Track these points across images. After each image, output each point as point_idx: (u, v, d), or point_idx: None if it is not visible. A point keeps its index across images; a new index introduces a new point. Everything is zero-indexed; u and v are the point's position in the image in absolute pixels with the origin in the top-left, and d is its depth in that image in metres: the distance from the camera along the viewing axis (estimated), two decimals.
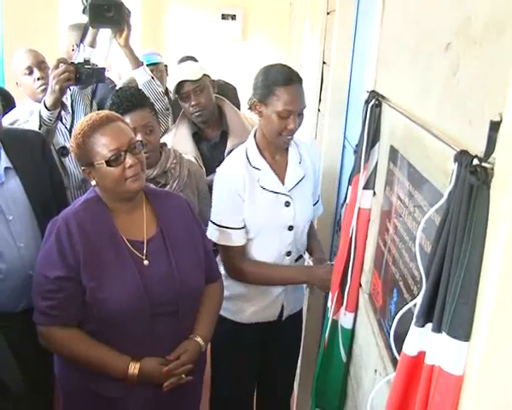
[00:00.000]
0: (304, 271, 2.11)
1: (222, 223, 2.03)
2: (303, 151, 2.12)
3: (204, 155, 2.67)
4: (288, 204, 2.04)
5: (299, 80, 1.97)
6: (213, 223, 2.05)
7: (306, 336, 2.44)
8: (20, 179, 1.91)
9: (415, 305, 0.90)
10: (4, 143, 1.91)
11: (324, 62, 2.94)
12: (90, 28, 2.41)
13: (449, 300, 0.79)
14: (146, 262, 1.67)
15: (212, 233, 2.05)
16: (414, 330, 0.88)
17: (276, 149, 2.05)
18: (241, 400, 2.36)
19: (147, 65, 3.48)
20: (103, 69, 2.41)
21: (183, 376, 1.68)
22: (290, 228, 2.06)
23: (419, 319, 0.86)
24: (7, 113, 2.47)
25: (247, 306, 2.14)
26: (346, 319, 1.67)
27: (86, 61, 2.31)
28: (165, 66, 3.62)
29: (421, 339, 0.87)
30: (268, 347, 2.28)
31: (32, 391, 1.70)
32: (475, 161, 0.75)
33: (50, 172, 2.04)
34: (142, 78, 2.59)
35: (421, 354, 0.87)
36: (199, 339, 1.74)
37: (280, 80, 1.92)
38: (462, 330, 0.78)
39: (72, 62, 2.28)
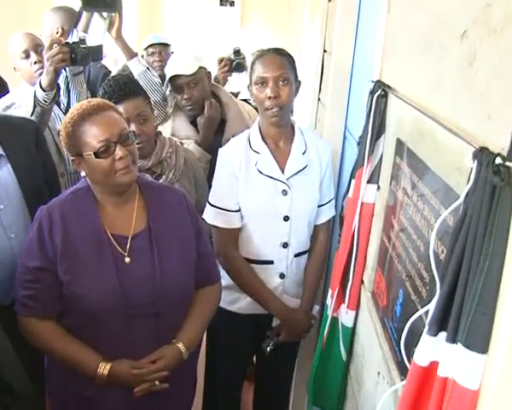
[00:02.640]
0: (281, 306, 2.04)
1: (217, 204, 2.01)
2: (310, 143, 2.05)
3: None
4: (285, 193, 1.98)
5: (278, 51, 1.95)
6: (209, 203, 2.04)
7: None
8: (12, 167, 1.84)
9: (426, 311, 0.85)
10: None
11: (325, 51, 2.87)
12: (84, 13, 2.33)
13: (465, 308, 0.74)
14: (127, 259, 1.59)
15: (206, 213, 2.04)
16: (426, 338, 0.82)
17: (279, 134, 2.00)
18: (232, 392, 2.33)
19: (156, 44, 3.43)
20: (100, 46, 2.33)
21: (157, 382, 1.58)
22: (286, 218, 2.00)
23: (432, 328, 0.81)
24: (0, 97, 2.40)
25: (244, 296, 2.09)
26: (347, 317, 1.62)
27: (82, 40, 2.24)
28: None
29: (433, 349, 0.82)
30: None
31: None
32: (498, 160, 0.69)
33: (44, 162, 1.97)
34: (137, 68, 2.50)
35: (434, 365, 0.82)
36: (180, 345, 1.64)
37: (257, 56, 1.96)
38: (479, 342, 0.73)
39: (66, 42, 2.20)
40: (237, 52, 3.41)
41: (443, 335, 0.80)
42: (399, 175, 1.29)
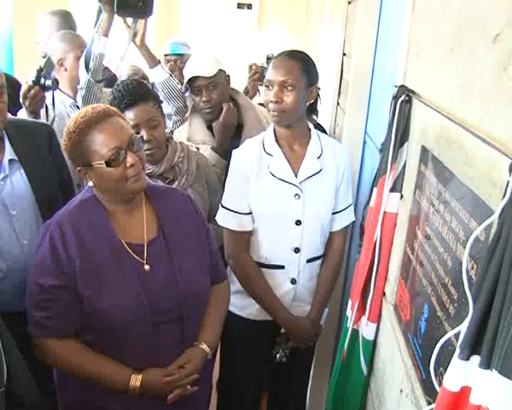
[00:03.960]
0: (286, 316, 2.02)
1: (228, 205, 1.99)
2: (327, 147, 2.00)
3: None
4: (297, 197, 1.94)
5: (291, 55, 1.93)
6: (221, 205, 2.02)
7: (319, 342, 2.32)
8: (25, 172, 1.82)
9: (456, 333, 0.79)
10: (10, 135, 1.82)
11: (344, 54, 2.82)
12: (105, 16, 2.27)
13: (501, 333, 0.68)
14: (147, 267, 1.55)
15: (218, 215, 2.03)
16: (457, 362, 0.77)
17: (293, 137, 1.98)
18: (248, 400, 2.26)
19: (172, 54, 3.39)
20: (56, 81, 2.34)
21: (189, 387, 1.57)
22: (298, 223, 1.95)
23: (463, 351, 0.75)
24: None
25: (253, 301, 2.05)
26: (367, 330, 1.56)
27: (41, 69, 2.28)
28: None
29: (465, 373, 0.76)
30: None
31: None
32: None
33: (58, 168, 1.94)
34: (160, 76, 2.45)
35: (465, 390, 0.76)
36: (204, 346, 1.62)
37: (273, 57, 1.98)
38: None
39: (36, 83, 2.26)
40: (270, 59, 3.31)
41: (476, 359, 0.74)
42: (424, 184, 1.24)
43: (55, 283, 1.49)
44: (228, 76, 2.59)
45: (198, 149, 2.41)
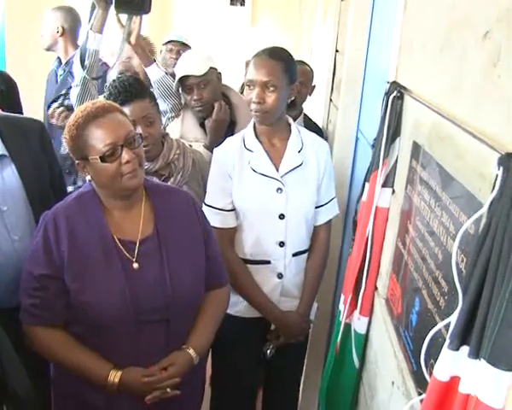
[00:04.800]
0: (274, 311, 2.03)
1: (211, 203, 2.00)
2: (307, 141, 2.02)
3: None
4: (280, 190, 1.95)
5: (272, 54, 1.91)
6: (205, 203, 2.02)
7: (312, 337, 2.33)
8: (16, 168, 1.81)
9: (446, 324, 0.81)
10: (1, 130, 1.81)
11: (337, 50, 2.83)
12: (99, 13, 2.25)
13: (490, 323, 0.70)
14: (135, 265, 1.55)
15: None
16: (447, 352, 0.78)
17: (273, 133, 1.99)
18: (241, 396, 2.26)
19: (176, 41, 3.39)
20: None
21: (169, 390, 1.54)
22: (281, 216, 1.96)
23: (453, 342, 0.77)
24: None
25: (241, 299, 2.05)
26: (359, 324, 1.58)
27: None
28: None
29: (454, 363, 0.78)
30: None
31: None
32: None
33: (49, 164, 1.94)
34: (155, 75, 2.45)
35: (455, 380, 0.78)
36: (191, 351, 1.59)
37: (254, 56, 1.96)
38: (504, 359, 0.69)
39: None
40: None
41: (465, 349, 0.76)
42: (415, 179, 1.25)
43: (43, 272, 1.50)
44: (219, 73, 2.59)
45: (191, 146, 2.41)
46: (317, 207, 2.05)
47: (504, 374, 0.69)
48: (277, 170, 1.96)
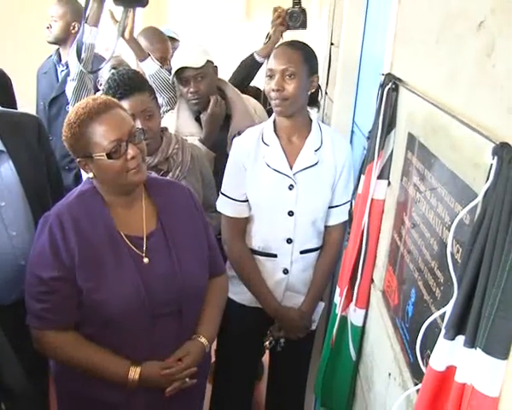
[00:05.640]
0: (274, 304, 2.03)
1: (225, 192, 2.03)
2: (327, 141, 1.99)
3: None
4: (291, 187, 1.95)
5: (292, 44, 1.95)
6: (220, 192, 2.06)
7: (316, 337, 2.32)
8: (13, 164, 1.81)
9: (441, 314, 0.81)
10: None
11: (332, 43, 2.83)
12: (94, 6, 2.24)
13: (485, 312, 0.70)
14: (146, 260, 1.55)
15: (218, 201, 2.08)
16: (442, 342, 0.79)
17: (293, 129, 1.98)
18: (240, 385, 2.29)
19: (168, 37, 3.37)
20: None
21: (187, 380, 1.57)
22: (290, 213, 1.96)
23: (449, 331, 0.77)
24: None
25: (245, 288, 2.07)
26: (355, 316, 1.58)
27: None
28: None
29: (450, 353, 0.78)
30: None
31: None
32: None
33: (47, 160, 1.93)
34: (150, 69, 2.45)
35: (451, 370, 0.78)
36: (203, 339, 1.63)
37: (275, 49, 2.02)
38: (499, 347, 0.70)
39: None
40: (298, 2, 2.86)
41: (460, 339, 0.76)
42: (411, 171, 1.25)
43: (54, 274, 1.47)
44: (216, 67, 2.58)
45: (186, 140, 2.40)
46: (330, 208, 2.03)
47: (500, 363, 0.70)
48: (291, 167, 1.96)
